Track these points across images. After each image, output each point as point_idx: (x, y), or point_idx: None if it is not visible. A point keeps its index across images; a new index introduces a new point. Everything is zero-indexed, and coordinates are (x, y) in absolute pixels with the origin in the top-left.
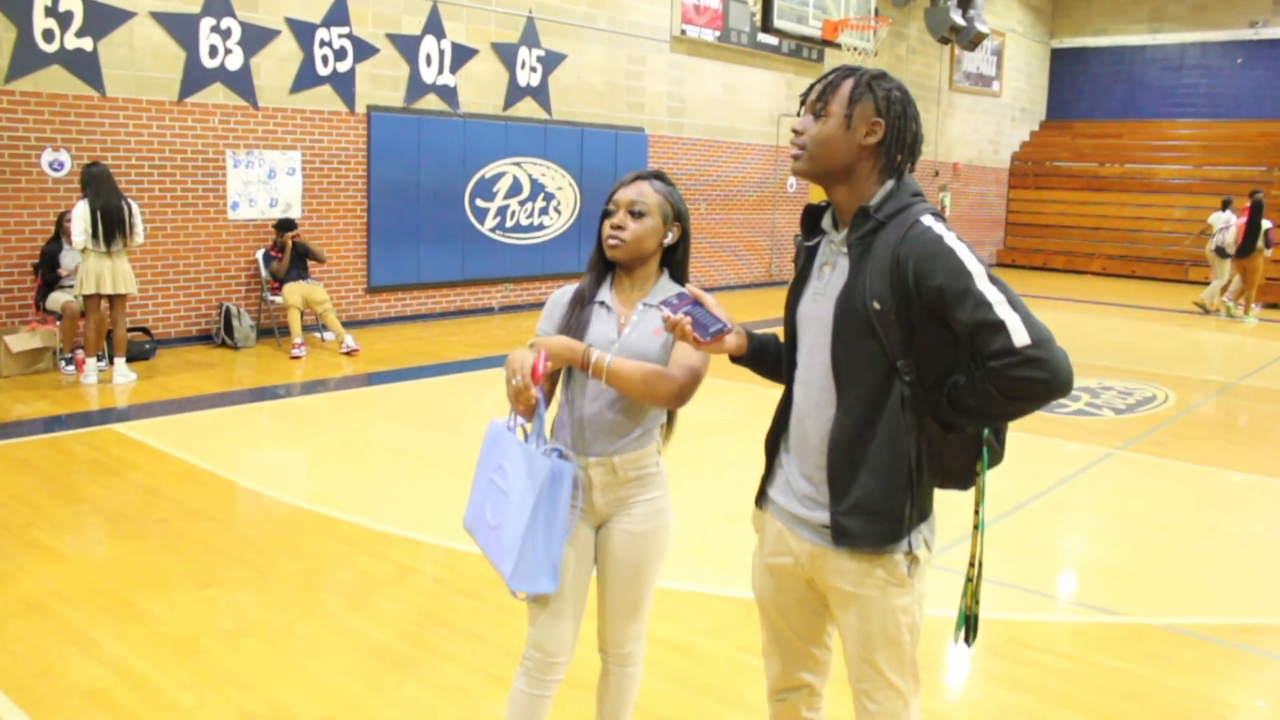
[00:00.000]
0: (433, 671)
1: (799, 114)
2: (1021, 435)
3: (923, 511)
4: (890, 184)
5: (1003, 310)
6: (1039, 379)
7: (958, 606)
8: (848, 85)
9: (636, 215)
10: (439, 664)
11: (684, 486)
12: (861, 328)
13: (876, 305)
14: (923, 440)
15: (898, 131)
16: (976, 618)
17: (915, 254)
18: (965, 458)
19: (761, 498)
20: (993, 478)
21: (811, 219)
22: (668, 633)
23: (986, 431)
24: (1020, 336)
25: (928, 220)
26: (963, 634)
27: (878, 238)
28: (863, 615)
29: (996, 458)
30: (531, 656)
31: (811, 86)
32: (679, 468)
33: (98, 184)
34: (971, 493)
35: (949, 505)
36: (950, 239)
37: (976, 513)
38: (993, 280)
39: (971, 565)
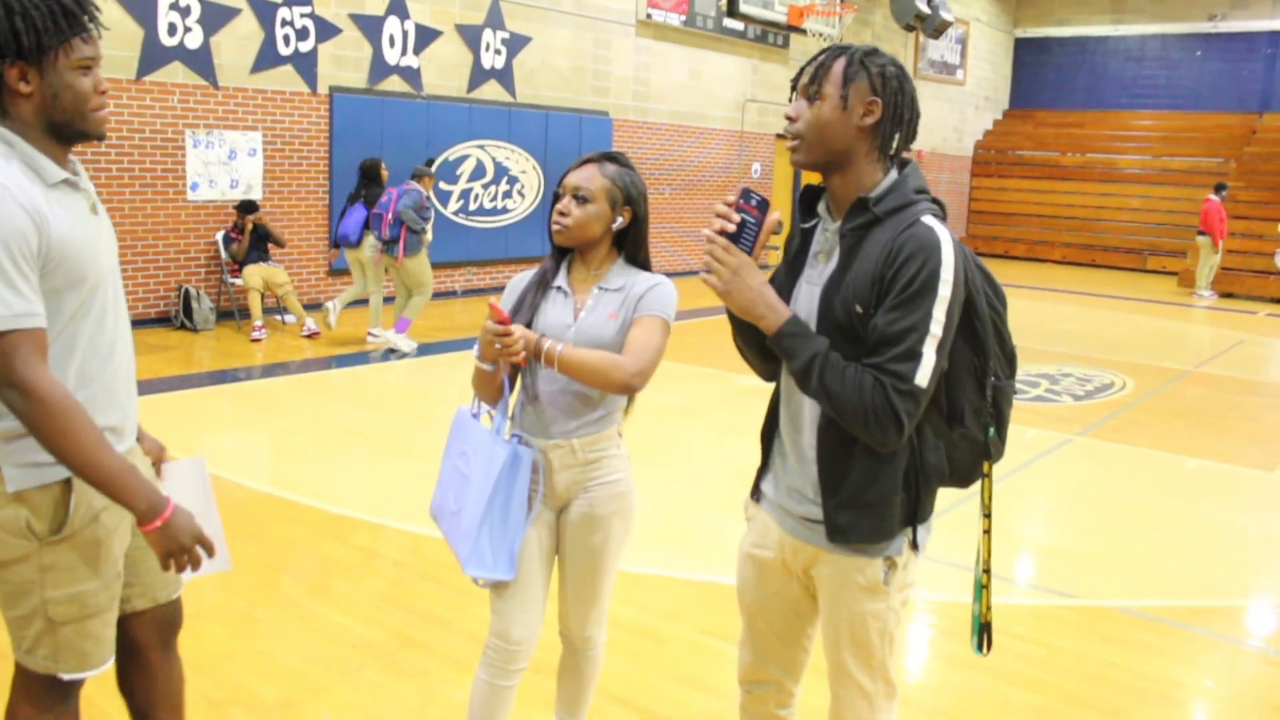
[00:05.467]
0: (394, 656)
1: (790, 99)
2: None
3: (919, 512)
4: (894, 175)
5: (929, 346)
6: (887, 417)
7: (970, 612)
8: (840, 65)
9: (580, 200)
10: (401, 648)
11: (643, 470)
12: (843, 329)
13: (859, 309)
14: (918, 438)
15: (895, 109)
16: (989, 625)
17: (910, 247)
18: (970, 456)
19: (756, 491)
20: None
21: (809, 201)
22: (630, 616)
23: (991, 431)
24: (922, 377)
25: (929, 220)
26: (976, 641)
27: (871, 234)
28: (835, 613)
29: (998, 455)
30: (494, 645)
31: (802, 69)
32: (638, 451)
33: None
34: (978, 492)
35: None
36: (946, 247)
37: (987, 516)
38: (948, 312)
39: (986, 572)
